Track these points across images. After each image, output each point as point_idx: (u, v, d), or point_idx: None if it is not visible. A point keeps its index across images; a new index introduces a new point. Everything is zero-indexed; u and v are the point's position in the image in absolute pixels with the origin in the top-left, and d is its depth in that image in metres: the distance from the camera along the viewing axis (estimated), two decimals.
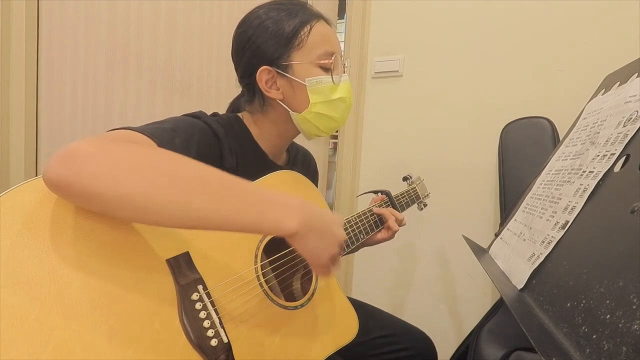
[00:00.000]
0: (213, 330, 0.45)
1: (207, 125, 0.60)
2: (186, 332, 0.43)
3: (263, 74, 0.63)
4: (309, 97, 0.64)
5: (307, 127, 0.68)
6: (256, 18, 0.64)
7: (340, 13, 1.53)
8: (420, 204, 0.98)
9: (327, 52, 0.64)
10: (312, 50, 0.63)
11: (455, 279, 1.25)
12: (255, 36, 0.63)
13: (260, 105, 0.67)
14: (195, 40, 1.32)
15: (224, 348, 0.45)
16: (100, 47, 1.19)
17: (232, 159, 0.62)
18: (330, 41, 0.65)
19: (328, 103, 0.65)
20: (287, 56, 0.63)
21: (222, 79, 1.38)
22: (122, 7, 1.20)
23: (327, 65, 0.64)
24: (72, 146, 0.37)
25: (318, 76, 0.63)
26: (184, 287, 0.45)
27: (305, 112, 0.65)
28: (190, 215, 0.40)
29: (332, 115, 0.67)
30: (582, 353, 0.31)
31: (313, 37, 0.63)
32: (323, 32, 0.64)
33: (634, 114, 0.45)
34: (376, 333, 0.81)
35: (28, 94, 1.12)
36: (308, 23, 0.63)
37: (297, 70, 0.63)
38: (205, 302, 0.46)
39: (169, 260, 0.45)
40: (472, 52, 1.17)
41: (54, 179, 0.36)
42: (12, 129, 1.11)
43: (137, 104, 1.26)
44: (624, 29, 0.95)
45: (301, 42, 0.62)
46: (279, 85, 0.65)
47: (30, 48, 1.11)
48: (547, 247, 0.45)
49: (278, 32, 0.62)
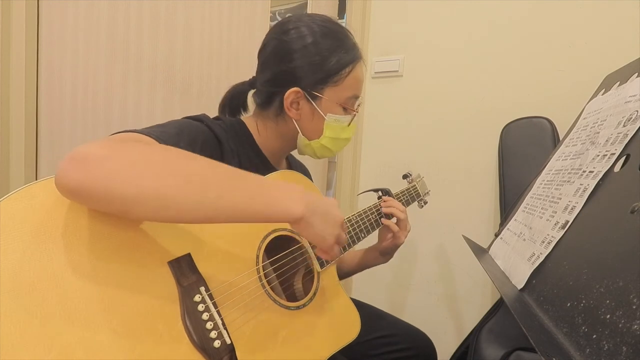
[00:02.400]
0: (216, 331, 0.45)
1: (209, 128, 0.60)
2: (189, 333, 0.43)
3: (292, 94, 0.64)
4: (324, 131, 0.66)
5: (307, 150, 0.71)
6: (306, 36, 0.63)
7: (340, 13, 1.53)
8: (420, 201, 0.98)
9: (355, 97, 0.67)
10: (345, 92, 0.65)
11: (455, 279, 1.24)
12: (299, 55, 0.62)
13: (275, 114, 0.67)
14: (196, 40, 1.32)
15: (227, 349, 0.45)
16: (100, 47, 1.19)
17: (235, 162, 0.62)
18: (361, 85, 0.68)
19: (335, 140, 0.68)
20: (321, 88, 0.64)
21: (222, 79, 1.38)
22: (122, 7, 1.20)
23: (350, 111, 0.67)
24: (82, 150, 0.37)
25: (338, 115, 0.66)
26: (186, 289, 0.45)
27: (313, 141, 0.68)
28: (207, 208, 0.41)
29: (333, 149, 0.70)
30: (582, 353, 0.31)
31: (350, 80, 0.65)
32: (359, 76, 0.67)
33: (634, 114, 0.45)
34: (377, 333, 0.81)
35: (28, 94, 1.12)
36: (351, 64, 0.65)
37: (324, 104, 0.65)
38: (207, 304, 0.46)
39: (171, 262, 0.45)
40: (472, 52, 1.17)
41: (69, 184, 0.36)
42: (12, 129, 1.11)
43: (137, 104, 1.26)
44: (624, 29, 0.95)
45: (339, 80, 0.64)
46: (301, 107, 0.65)
47: (30, 48, 1.11)
48: (547, 247, 0.45)
49: (323, 62, 0.63)
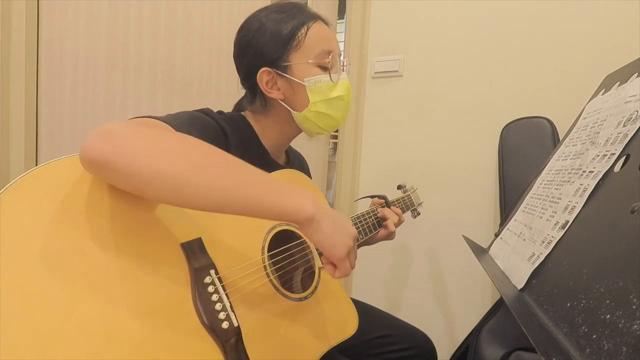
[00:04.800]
0: (224, 313, 0.46)
1: (215, 122, 0.61)
2: (199, 313, 0.44)
3: (263, 75, 0.65)
4: (309, 97, 0.65)
5: (308, 126, 0.69)
6: (256, 22, 0.65)
7: (340, 13, 1.53)
8: (414, 211, 1.01)
9: (325, 51, 0.65)
10: (310, 50, 0.64)
11: (456, 279, 1.25)
12: (255, 39, 0.64)
13: (262, 105, 0.69)
14: (196, 40, 1.32)
15: (234, 331, 0.46)
16: (100, 47, 1.19)
17: (238, 156, 0.62)
18: (328, 40, 0.66)
19: (327, 102, 0.66)
20: (285, 57, 0.64)
21: (222, 78, 1.38)
22: (122, 7, 1.20)
23: (325, 65, 0.65)
24: (108, 126, 0.38)
25: (316, 75, 0.65)
26: (197, 271, 0.46)
27: (305, 111, 0.66)
28: (220, 196, 0.41)
29: (332, 114, 0.68)
30: (582, 353, 0.31)
31: (310, 38, 0.64)
32: (320, 32, 0.66)
33: (634, 114, 0.45)
34: (377, 333, 0.81)
35: (28, 94, 1.12)
36: (305, 24, 0.64)
37: (296, 71, 0.64)
38: (217, 286, 0.47)
39: (183, 244, 0.46)
40: (472, 52, 1.17)
41: (93, 156, 0.37)
42: (12, 129, 1.11)
43: (137, 104, 1.26)
44: (624, 29, 0.95)
45: (299, 42, 0.63)
46: (280, 86, 0.66)
47: (30, 48, 1.11)
48: (547, 247, 0.45)
49: (276, 34, 0.63)
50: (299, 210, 0.46)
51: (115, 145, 0.37)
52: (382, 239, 0.84)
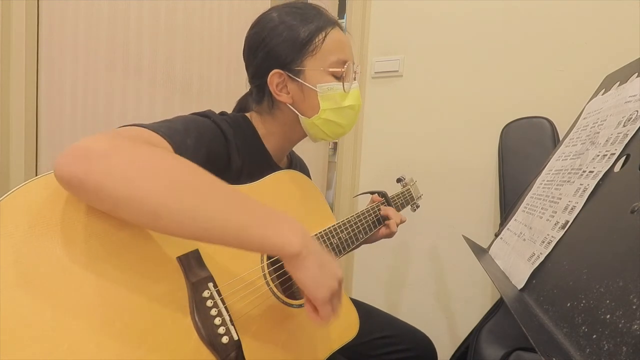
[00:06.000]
0: (224, 327, 0.45)
1: (217, 125, 0.60)
2: (197, 329, 0.43)
3: (274, 77, 0.63)
4: (320, 103, 0.64)
5: (315, 132, 0.68)
6: (270, 20, 0.64)
7: (340, 13, 1.53)
8: (413, 205, 1.00)
9: (340, 61, 0.64)
10: (326, 58, 0.63)
11: (455, 279, 1.25)
12: (269, 38, 0.63)
13: (269, 106, 0.67)
14: (195, 40, 1.32)
15: (235, 345, 0.46)
16: (100, 47, 1.19)
17: (239, 159, 0.62)
18: (343, 49, 0.65)
19: (338, 110, 0.65)
20: (300, 61, 0.63)
21: (222, 78, 1.38)
22: (122, 7, 1.20)
23: (339, 74, 0.64)
24: (84, 143, 0.37)
25: (329, 83, 0.63)
26: (194, 285, 0.45)
27: (314, 117, 0.65)
28: (198, 226, 0.39)
29: (340, 122, 0.67)
30: (582, 353, 0.31)
31: (327, 45, 0.63)
32: (337, 39, 0.64)
33: (634, 114, 0.45)
34: (377, 334, 0.81)
35: (28, 94, 1.12)
36: (323, 30, 0.63)
37: (309, 76, 0.63)
38: (216, 300, 0.46)
39: (180, 258, 0.45)
40: (472, 52, 1.17)
41: (65, 175, 0.36)
42: (12, 129, 1.11)
43: (137, 104, 1.26)
44: (624, 29, 0.95)
45: (315, 48, 0.62)
46: (290, 89, 0.65)
47: (30, 48, 1.11)
48: (547, 247, 0.45)
49: (292, 37, 0.62)
50: (284, 245, 0.42)
51: (88, 165, 0.35)
52: (382, 237, 0.84)
